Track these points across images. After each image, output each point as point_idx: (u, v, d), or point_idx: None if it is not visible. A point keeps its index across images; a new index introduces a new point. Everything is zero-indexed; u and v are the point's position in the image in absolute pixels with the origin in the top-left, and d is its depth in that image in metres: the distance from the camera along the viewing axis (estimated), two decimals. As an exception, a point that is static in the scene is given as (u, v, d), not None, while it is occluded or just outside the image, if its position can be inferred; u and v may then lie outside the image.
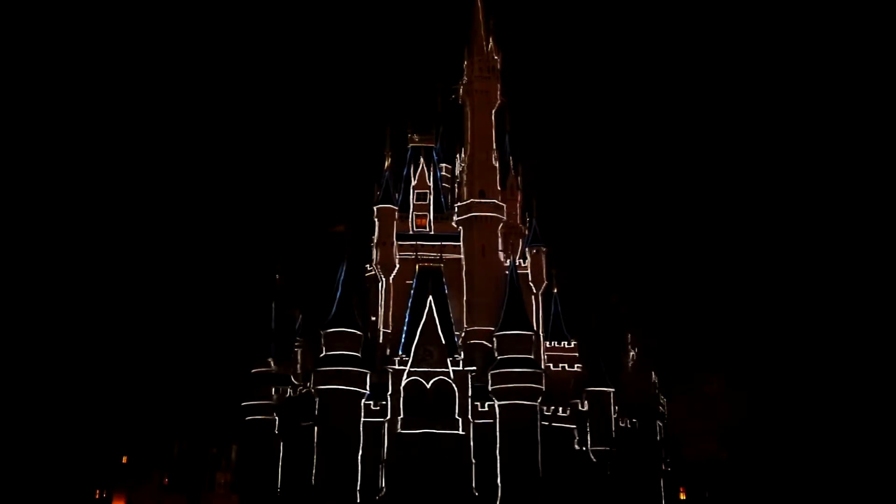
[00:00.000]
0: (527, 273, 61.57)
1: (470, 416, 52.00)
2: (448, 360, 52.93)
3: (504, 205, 61.79)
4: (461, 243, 60.48)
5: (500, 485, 50.85)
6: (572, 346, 61.46)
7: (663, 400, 62.01)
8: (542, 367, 57.01)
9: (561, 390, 57.39)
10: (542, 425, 53.19)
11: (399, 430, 51.31)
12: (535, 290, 61.41)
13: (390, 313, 58.80)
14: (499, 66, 63.94)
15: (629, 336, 61.97)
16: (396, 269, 59.68)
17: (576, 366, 60.17)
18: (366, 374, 52.36)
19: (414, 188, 62.31)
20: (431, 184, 62.37)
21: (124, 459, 67.31)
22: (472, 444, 51.46)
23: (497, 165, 62.40)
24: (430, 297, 54.59)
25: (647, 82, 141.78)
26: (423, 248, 60.30)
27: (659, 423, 60.91)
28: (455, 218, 61.22)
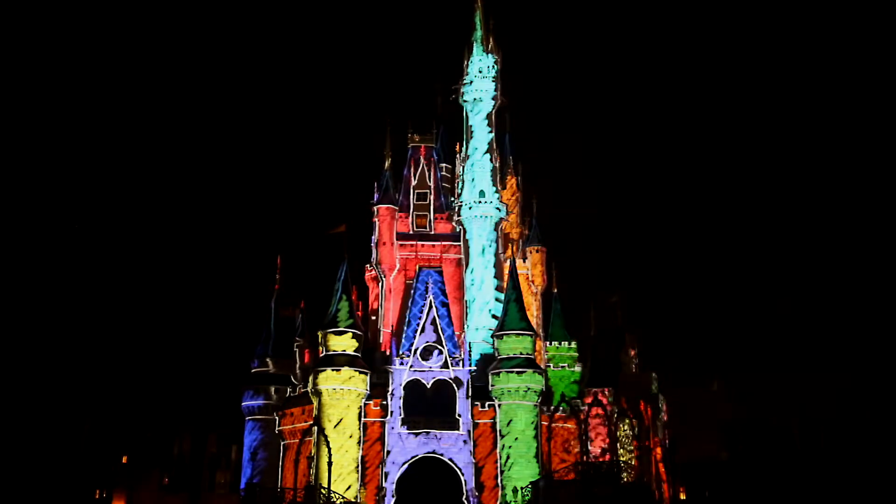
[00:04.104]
0: (527, 273, 61.54)
1: (470, 416, 52.09)
2: (448, 360, 53.00)
3: (504, 205, 61.85)
4: (461, 243, 60.56)
5: (501, 485, 50.93)
6: (572, 346, 61.43)
7: (663, 400, 62.02)
8: (543, 367, 57.02)
9: (561, 390, 57.48)
10: (542, 425, 53.29)
11: (399, 430, 51.40)
12: (535, 290, 61.41)
13: (390, 313, 58.91)
14: (499, 66, 63.96)
15: (629, 336, 61.96)
16: (396, 269, 59.75)
17: (576, 366, 60.18)
18: (366, 373, 52.40)
19: (414, 188, 62.38)
20: (431, 184, 62.46)
21: (124, 459, 67.25)
22: (472, 444, 51.56)
23: (497, 165, 62.44)
24: (430, 297, 54.70)
25: (647, 82, 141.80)
26: (423, 248, 60.41)
27: (659, 423, 60.92)
28: (455, 218, 61.27)
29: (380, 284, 60.00)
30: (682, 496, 64.73)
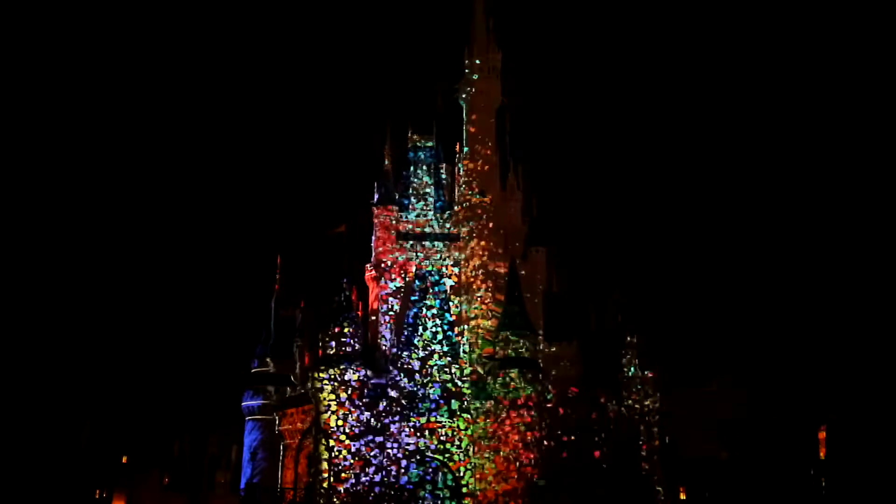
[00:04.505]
0: (527, 273, 61.48)
1: (470, 416, 52.09)
2: (448, 360, 52.99)
3: (504, 205, 61.76)
4: (461, 243, 60.52)
5: (500, 485, 50.92)
6: (572, 345, 61.28)
7: (663, 400, 61.87)
8: (542, 367, 56.97)
9: (561, 390, 57.39)
10: (542, 425, 53.26)
11: (398, 430, 51.40)
12: (535, 290, 61.32)
13: (390, 313, 58.83)
14: (499, 66, 63.92)
15: (629, 336, 61.82)
16: (396, 269, 59.69)
17: (576, 366, 60.07)
18: (366, 374, 52.38)
19: (414, 188, 62.34)
20: (432, 184, 62.43)
21: (124, 459, 67.34)
22: (472, 443, 51.57)
23: (497, 165, 62.42)
24: (430, 297, 54.67)
25: (647, 82, 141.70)
26: (423, 248, 60.37)
27: (659, 422, 60.81)
28: (455, 218, 61.25)
29: (379, 284, 59.97)
30: (682, 496, 64.70)
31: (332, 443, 50.36)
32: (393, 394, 52.07)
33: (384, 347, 57.03)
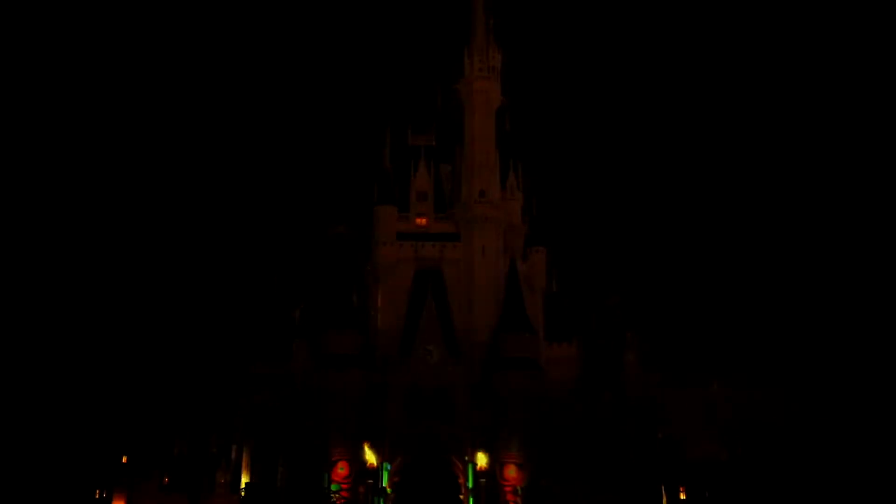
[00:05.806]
0: (527, 273, 61.52)
1: (470, 416, 52.08)
2: (448, 360, 52.98)
3: (504, 205, 61.77)
4: (461, 243, 60.51)
5: (501, 483, 50.93)
6: (572, 346, 61.35)
7: (663, 400, 61.90)
8: (542, 367, 57.02)
9: (561, 391, 57.41)
10: (543, 425, 53.27)
11: (399, 431, 51.39)
12: (535, 290, 61.36)
13: (390, 313, 58.84)
14: (499, 66, 63.93)
15: (629, 336, 61.88)
16: (396, 269, 59.70)
17: (576, 366, 60.12)
18: (366, 374, 52.40)
19: (414, 188, 62.33)
20: (432, 184, 62.44)
21: (124, 459, 67.24)
22: (472, 442, 51.54)
23: (497, 165, 62.42)
24: (430, 297, 54.69)
25: (647, 82, 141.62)
26: (423, 248, 60.39)
27: (659, 423, 60.85)
28: (455, 218, 61.24)
29: (380, 284, 59.96)
30: (682, 496, 64.67)
31: (332, 442, 50.39)
32: (393, 393, 52.09)
33: (384, 347, 56.98)
